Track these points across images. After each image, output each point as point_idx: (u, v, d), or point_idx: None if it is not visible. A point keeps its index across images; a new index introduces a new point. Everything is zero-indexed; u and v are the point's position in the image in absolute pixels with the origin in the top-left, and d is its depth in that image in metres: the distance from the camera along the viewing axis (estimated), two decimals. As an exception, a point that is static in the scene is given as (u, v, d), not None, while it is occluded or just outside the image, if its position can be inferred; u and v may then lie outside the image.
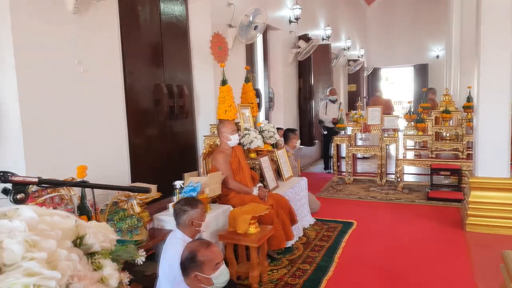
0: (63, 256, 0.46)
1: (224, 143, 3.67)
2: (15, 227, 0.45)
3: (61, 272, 0.44)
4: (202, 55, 4.63)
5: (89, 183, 1.12)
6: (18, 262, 0.43)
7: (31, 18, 2.68)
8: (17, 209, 0.48)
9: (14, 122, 2.65)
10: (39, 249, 0.44)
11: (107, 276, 0.52)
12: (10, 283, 0.41)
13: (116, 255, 0.55)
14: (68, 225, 0.50)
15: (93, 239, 0.52)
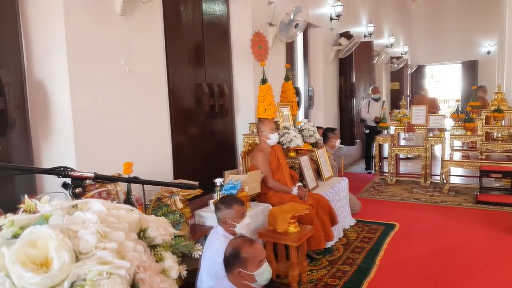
0: (130, 247, 0.48)
1: (263, 142, 3.67)
2: (88, 219, 0.48)
3: (129, 262, 0.46)
4: (242, 54, 4.66)
5: (140, 179, 1.15)
6: (92, 251, 0.45)
7: (82, 22, 2.80)
8: (87, 202, 0.51)
9: (66, 121, 2.79)
10: (109, 240, 0.47)
11: (168, 268, 0.54)
12: (86, 269, 0.43)
13: (175, 248, 0.57)
14: (132, 219, 0.52)
15: (155, 232, 0.54)
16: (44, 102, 2.80)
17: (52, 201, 0.53)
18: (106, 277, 0.44)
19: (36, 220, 0.48)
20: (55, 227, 0.46)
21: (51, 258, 0.44)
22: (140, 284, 0.48)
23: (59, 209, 0.50)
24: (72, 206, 0.51)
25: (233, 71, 4.74)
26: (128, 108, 3.17)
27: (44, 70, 2.79)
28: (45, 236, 0.45)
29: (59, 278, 0.43)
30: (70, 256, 0.44)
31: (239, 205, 2.60)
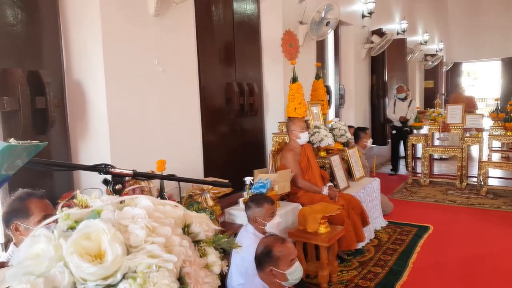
0: (176, 242, 0.50)
1: (293, 141, 3.66)
2: (137, 214, 0.50)
3: (176, 256, 0.48)
4: (272, 53, 4.66)
5: (177, 176, 1.17)
6: (142, 245, 0.47)
7: (117, 23, 2.88)
8: (135, 198, 0.53)
9: (102, 120, 2.88)
10: (157, 234, 0.48)
11: (211, 263, 0.55)
12: (137, 262, 0.45)
13: (217, 244, 0.58)
14: (177, 214, 0.54)
15: (198, 228, 0.55)
16: (82, 102, 2.90)
17: (101, 196, 0.55)
18: (155, 270, 0.46)
19: (89, 214, 0.50)
20: (107, 222, 0.48)
21: (104, 251, 0.46)
22: (186, 277, 0.49)
23: (109, 204, 0.52)
24: (120, 201, 0.53)
25: (263, 70, 4.74)
26: (161, 107, 3.24)
27: (81, 70, 2.89)
28: (98, 229, 0.47)
29: (112, 269, 0.46)
30: (122, 249, 0.46)
31: (269, 204, 2.61)
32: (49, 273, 0.45)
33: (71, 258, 0.45)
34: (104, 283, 0.45)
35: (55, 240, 0.47)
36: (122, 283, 0.45)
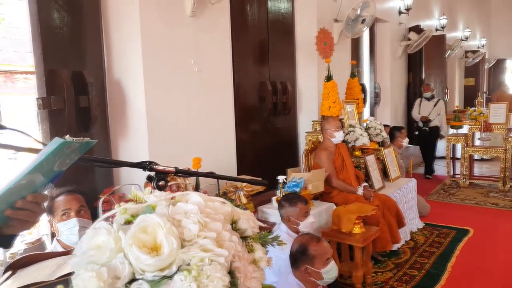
0: (226, 237, 0.52)
1: (327, 140, 3.63)
2: (190, 209, 0.52)
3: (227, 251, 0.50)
4: (306, 51, 4.63)
5: (216, 174, 1.20)
6: (195, 239, 0.50)
7: (156, 24, 2.96)
8: (186, 194, 0.56)
9: (140, 118, 2.97)
10: (209, 229, 0.51)
11: (258, 258, 0.57)
12: (191, 255, 0.48)
13: (263, 241, 0.60)
14: (225, 211, 0.56)
15: (246, 224, 0.57)
16: (122, 101, 3.00)
17: (154, 193, 0.58)
18: (207, 263, 0.48)
19: (145, 209, 0.53)
20: (162, 216, 0.51)
21: (160, 244, 0.49)
22: (236, 272, 0.51)
23: (163, 199, 0.55)
24: (171, 197, 0.56)
25: (296, 69, 4.73)
26: (197, 106, 3.30)
27: (121, 70, 2.99)
28: (154, 223, 0.50)
29: (168, 262, 0.48)
30: (177, 242, 0.49)
31: (303, 204, 2.60)
32: (110, 263, 0.48)
33: (130, 250, 0.48)
34: (161, 274, 0.48)
35: (115, 233, 0.51)
36: (178, 275, 0.48)
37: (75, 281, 0.46)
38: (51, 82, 2.65)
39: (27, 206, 0.85)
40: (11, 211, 0.84)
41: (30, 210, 0.86)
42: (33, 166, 0.76)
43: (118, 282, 0.47)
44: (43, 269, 0.92)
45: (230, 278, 0.50)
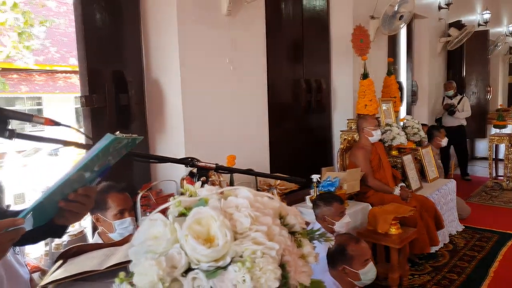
0: (276, 231, 0.53)
1: (364, 139, 3.56)
2: (241, 203, 0.54)
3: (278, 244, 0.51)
4: (342, 49, 4.57)
5: (254, 171, 1.22)
6: (247, 232, 0.51)
7: (192, 23, 3.01)
8: (236, 189, 0.57)
9: (177, 116, 3.03)
10: (259, 223, 0.52)
11: (306, 253, 0.58)
12: (243, 247, 0.49)
13: (310, 236, 0.60)
14: (274, 206, 0.57)
15: (294, 220, 0.58)
16: (159, 99, 3.08)
17: (204, 187, 0.60)
18: (259, 256, 0.49)
19: (198, 202, 0.55)
20: (215, 209, 0.52)
21: (214, 235, 0.50)
22: (287, 265, 0.52)
23: (214, 193, 0.57)
24: (220, 192, 0.57)
25: (331, 66, 4.68)
26: (231, 104, 3.33)
27: (159, 69, 3.07)
28: (208, 216, 0.51)
29: (222, 253, 0.50)
30: (231, 234, 0.50)
31: (338, 203, 2.57)
32: (167, 253, 0.50)
33: (186, 241, 0.50)
34: (216, 264, 0.49)
35: (170, 224, 0.53)
36: (231, 266, 0.49)
37: (137, 268, 0.49)
38: (93, 81, 2.74)
39: (79, 198, 0.90)
40: (64, 203, 0.89)
41: (81, 202, 0.91)
42: (86, 161, 0.80)
43: (175, 271, 0.49)
44: (92, 259, 0.97)
45: (281, 271, 0.50)
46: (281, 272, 0.51)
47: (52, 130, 0.97)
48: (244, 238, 0.50)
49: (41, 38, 11.40)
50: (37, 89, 13.18)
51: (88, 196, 0.92)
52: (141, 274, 0.47)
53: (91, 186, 0.93)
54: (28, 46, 9.07)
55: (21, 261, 2.13)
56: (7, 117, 0.89)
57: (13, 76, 12.25)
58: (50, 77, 13.68)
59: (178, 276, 0.49)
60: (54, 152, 11.61)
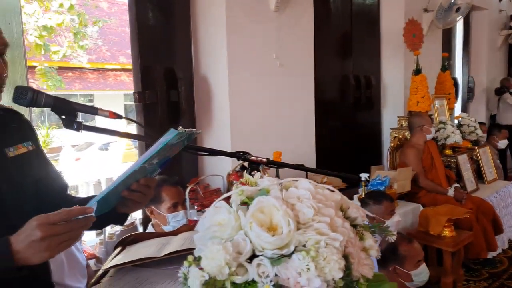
0: (339, 223, 0.52)
1: (416, 137, 3.43)
2: (302, 194, 0.54)
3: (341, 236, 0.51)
4: (392, 44, 4.42)
5: (305, 166, 1.21)
6: (310, 223, 0.51)
7: (240, 20, 3.03)
8: (296, 180, 0.57)
9: (224, 112, 3.07)
10: (322, 214, 0.52)
11: (368, 246, 0.57)
12: (306, 237, 0.50)
13: (371, 230, 0.59)
14: (335, 198, 0.57)
15: (356, 213, 0.57)
16: (207, 95, 3.13)
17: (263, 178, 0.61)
18: (323, 246, 0.49)
19: (259, 192, 0.56)
20: (278, 199, 0.52)
21: (276, 224, 0.51)
22: (350, 257, 0.52)
23: (275, 184, 0.57)
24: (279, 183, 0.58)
25: (381, 62, 4.54)
26: (277, 100, 3.32)
27: (208, 66, 3.12)
28: (270, 205, 0.52)
29: (286, 241, 0.50)
30: (294, 224, 0.50)
31: (388, 202, 2.49)
32: (232, 239, 0.52)
33: (251, 228, 0.51)
34: (280, 252, 0.50)
35: (234, 212, 0.54)
36: (295, 254, 0.49)
37: (204, 252, 0.50)
38: (145, 78, 2.85)
39: (140, 188, 0.95)
40: (127, 192, 0.94)
41: (142, 192, 0.96)
42: (153, 153, 0.84)
43: (240, 257, 0.50)
44: (149, 247, 1.01)
45: (345, 262, 0.50)
46: (345, 263, 0.50)
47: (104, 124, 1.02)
48: (307, 228, 0.50)
49: (94, 38, 12.05)
50: (90, 87, 13.94)
51: (149, 186, 0.97)
52: (208, 258, 0.49)
53: (151, 177, 0.98)
54: (82, 46, 9.61)
55: (79, 248, 2.27)
56: (75, 110, 0.95)
57: (68, 74, 13.04)
58: (101, 75, 14.41)
59: (243, 261, 0.50)
60: (105, 147, 12.23)
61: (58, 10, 7.64)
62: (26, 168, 1.04)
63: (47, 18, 7.52)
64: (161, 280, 0.88)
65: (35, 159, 1.09)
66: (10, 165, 1.00)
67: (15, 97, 0.94)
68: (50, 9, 7.66)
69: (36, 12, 7.34)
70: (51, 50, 8.50)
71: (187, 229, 1.15)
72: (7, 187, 0.98)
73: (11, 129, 1.05)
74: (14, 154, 1.01)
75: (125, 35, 14.02)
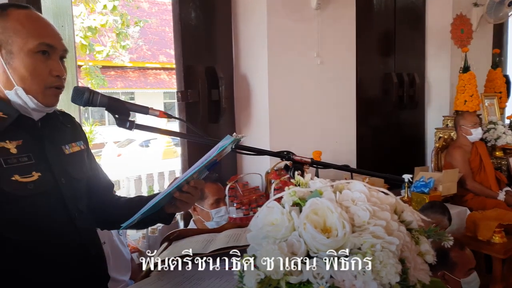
0: (395, 227, 0.52)
1: (463, 138, 3.29)
2: (357, 197, 0.54)
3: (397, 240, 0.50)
4: (438, 40, 4.26)
5: (350, 167, 1.19)
6: (365, 225, 0.51)
7: (281, 18, 3.02)
8: (348, 183, 0.57)
9: (263, 111, 3.07)
10: (377, 218, 0.51)
11: (424, 251, 0.56)
12: (362, 240, 0.49)
13: (428, 235, 0.58)
14: (390, 201, 0.56)
15: (411, 217, 0.56)
16: (247, 94, 3.15)
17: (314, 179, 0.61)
18: (379, 249, 0.48)
19: (312, 193, 0.56)
20: (332, 201, 0.52)
21: (330, 226, 0.51)
22: (406, 261, 0.51)
23: (328, 186, 0.57)
24: (331, 185, 0.57)
25: (426, 59, 4.39)
26: (317, 98, 3.29)
27: (248, 65, 3.14)
28: (324, 207, 0.52)
29: (341, 243, 0.50)
30: (349, 226, 0.50)
31: (439, 216, 2.41)
32: (286, 239, 0.52)
33: (305, 229, 0.51)
34: (334, 254, 0.50)
35: (287, 213, 0.54)
36: (351, 257, 0.49)
37: (260, 252, 0.51)
38: (188, 77, 2.91)
39: (190, 190, 1.01)
40: (179, 193, 0.99)
41: (191, 194, 1.01)
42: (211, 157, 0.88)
43: (295, 257, 0.50)
44: (195, 243, 1.04)
45: (401, 266, 0.49)
46: (401, 268, 0.49)
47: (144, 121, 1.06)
48: (362, 231, 0.50)
49: (135, 38, 12.47)
50: (131, 85, 14.46)
51: (197, 188, 1.02)
52: (264, 257, 0.49)
53: (200, 179, 1.02)
54: (124, 46, 9.97)
55: (124, 242, 2.36)
56: (128, 109, 1.00)
57: (111, 73, 13.59)
58: (142, 73, 14.90)
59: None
60: (145, 144, 12.63)
61: (102, 11, 7.97)
62: (79, 166, 1.11)
63: (92, 19, 7.88)
64: (207, 277, 0.90)
65: (86, 158, 1.17)
66: (67, 161, 1.07)
67: (73, 97, 0.99)
68: (95, 11, 8.01)
69: (82, 13, 7.71)
70: (95, 50, 8.89)
71: (230, 226, 1.17)
72: (65, 181, 1.04)
73: (67, 129, 1.13)
74: (70, 151, 1.09)
75: (165, 34, 14.44)
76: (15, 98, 0.99)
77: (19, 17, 0.99)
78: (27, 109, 1.01)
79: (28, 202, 0.96)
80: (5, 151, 0.95)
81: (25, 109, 1.01)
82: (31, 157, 0.99)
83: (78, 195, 1.09)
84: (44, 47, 1.00)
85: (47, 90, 1.01)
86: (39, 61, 0.99)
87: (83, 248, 1.05)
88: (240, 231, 1.06)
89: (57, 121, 1.11)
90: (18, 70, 0.98)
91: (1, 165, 0.94)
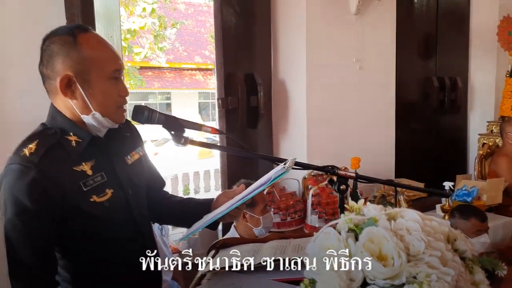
0: (449, 257, 0.54)
1: (509, 145, 3.16)
2: (411, 226, 0.56)
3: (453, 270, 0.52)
4: (483, 43, 4.11)
5: (395, 182, 1.20)
6: (420, 255, 0.53)
7: (320, 24, 3.02)
8: (402, 211, 0.59)
9: (301, 117, 3.08)
10: (432, 248, 0.53)
11: (478, 281, 0.57)
12: (418, 270, 0.52)
13: (481, 264, 0.59)
14: (443, 230, 0.57)
15: (464, 246, 0.58)
16: (285, 100, 3.18)
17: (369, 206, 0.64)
18: (435, 279, 0.50)
19: (368, 221, 0.58)
20: (387, 230, 0.55)
21: (385, 254, 0.53)
22: None
23: (383, 214, 0.59)
24: (384, 210, 0.60)
25: (469, 62, 4.25)
26: (356, 104, 3.26)
27: (286, 71, 3.16)
28: (380, 236, 0.55)
29: (397, 272, 0.52)
30: (405, 256, 0.53)
31: (477, 220, 2.32)
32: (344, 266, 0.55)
33: (363, 257, 0.54)
34: (391, 282, 0.52)
35: (344, 240, 0.57)
36: (408, 286, 0.51)
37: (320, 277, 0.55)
38: (228, 84, 2.96)
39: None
40: None
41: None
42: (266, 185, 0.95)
43: (353, 284, 0.53)
44: (243, 253, 1.09)
45: (458, 297, 0.51)
46: (456, 298, 0.51)
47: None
48: (418, 261, 0.52)
49: (172, 39, 12.78)
50: (167, 85, 14.85)
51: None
52: (324, 282, 0.53)
53: None
54: (161, 47, 10.26)
55: (166, 242, 2.45)
56: (183, 126, 1.06)
57: (148, 73, 14.01)
58: (178, 74, 15.26)
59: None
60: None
61: (141, 14, 8.25)
62: (140, 173, 1.19)
63: (131, 22, 8.17)
64: (255, 287, 0.94)
65: (145, 162, 1.25)
66: (131, 171, 1.15)
67: (134, 115, 1.07)
68: (134, 13, 8.30)
69: (122, 16, 8.04)
70: (134, 51, 9.20)
71: (274, 237, 1.21)
72: (132, 192, 1.12)
73: (127, 138, 1.20)
74: (131, 161, 1.17)
75: (200, 35, 14.73)
76: (91, 121, 1.06)
77: (89, 43, 1.05)
78: (100, 129, 1.09)
79: (104, 218, 1.05)
80: (83, 174, 1.03)
81: (97, 129, 1.08)
82: (104, 175, 1.07)
83: (142, 202, 1.18)
84: (117, 73, 1.08)
85: (118, 110, 1.09)
86: (112, 85, 1.07)
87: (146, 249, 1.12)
88: (285, 242, 1.10)
89: (118, 132, 1.17)
90: (95, 96, 1.04)
91: (81, 188, 1.02)
